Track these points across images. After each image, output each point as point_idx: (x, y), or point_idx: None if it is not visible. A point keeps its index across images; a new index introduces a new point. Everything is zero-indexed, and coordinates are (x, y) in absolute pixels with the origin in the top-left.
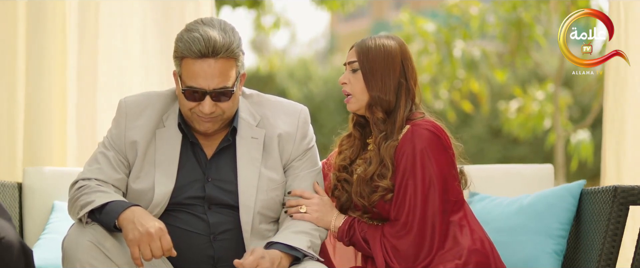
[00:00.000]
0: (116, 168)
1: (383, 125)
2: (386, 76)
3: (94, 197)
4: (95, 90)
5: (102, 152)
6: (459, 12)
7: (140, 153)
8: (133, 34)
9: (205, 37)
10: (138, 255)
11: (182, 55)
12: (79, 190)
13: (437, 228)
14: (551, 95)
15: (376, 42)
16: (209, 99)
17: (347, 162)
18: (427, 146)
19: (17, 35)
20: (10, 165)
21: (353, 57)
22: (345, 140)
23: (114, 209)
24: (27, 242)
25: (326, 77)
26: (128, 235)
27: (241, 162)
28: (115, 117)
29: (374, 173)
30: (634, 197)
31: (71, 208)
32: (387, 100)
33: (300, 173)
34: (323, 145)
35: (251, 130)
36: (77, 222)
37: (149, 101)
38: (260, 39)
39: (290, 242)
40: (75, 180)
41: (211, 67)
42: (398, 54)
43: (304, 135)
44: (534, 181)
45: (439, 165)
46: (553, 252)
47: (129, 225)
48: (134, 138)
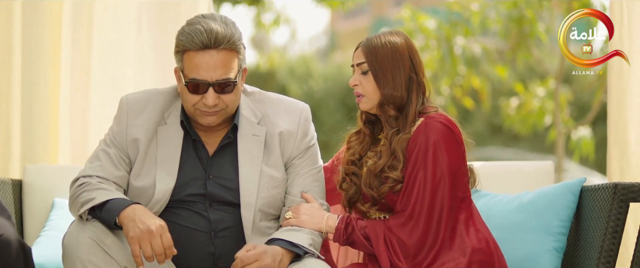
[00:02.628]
0: (117, 166)
1: (395, 122)
2: (396, 73)
3: (95, 194)
4: (88, 85)
5: (104, 149)
6: (460, 8)
7: (141, 150)
8: (127, 29)
9: (207, 29)
10: (139, 252)
11: (184, 49)
12: (80, 187)
13: (443, 222)
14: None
15: (382, 40)
16: (212, 90)
17: (356, 157)
18: (440, 138)
19: (13, 30)
20: (5, 161)
21: (361, 59)
22: (354, 136)
23: (115, 207)
24: (27, 240)
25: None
26: (129, 232)
27: (242, 159)
28: (116, 114)
29: (385, 166)
30: (634, 194)
31: (72, 205)
32: (399, 97)
33: (301, 171)
34: (323, 143)
35: (252, 128)
36: (77, 219)
37: (150, 98)
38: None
39: (292, 239)
40: (76, 177)
41: (213, 58)
42: (405, 49)
43: (305, 133)
44: (534, 178)
45: (450, 159)
46: (553, 249)
47: (129, 223)
48: (136, 136)
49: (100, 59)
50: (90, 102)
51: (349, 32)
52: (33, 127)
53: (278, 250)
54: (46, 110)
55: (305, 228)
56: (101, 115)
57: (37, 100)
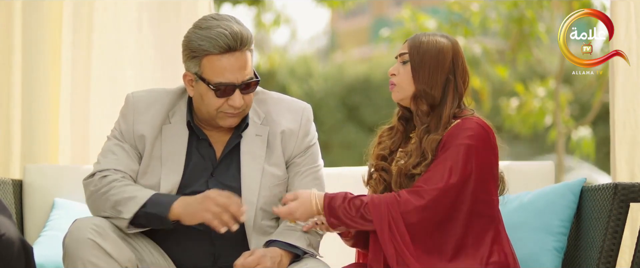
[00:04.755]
0: (133, 159)
1: (426, 118)
2: (434, 71)
3: (131, 191)
4: (88, 85)
5: (117, 144)
6: (460, 8)
7: (147, 147)
8: (128, 29)
9: (230, 31)
10: (224, 223)
11: (204, 53)
12: (108, 185)
13: (460, 221)
14: (552, 92)
15: (429, 37)
16: (238, 92)
17: (386, 152)
18: (475, 137)
19: (13, 30)
20: (5, 161)
21: (405, 50)
22: (387, 131)
23: (160, 205)
24: (27, 240)
25: (326, 74)
26: (199, 219)
27: (245, 159)
28: (122, 111)
29: (414, 166)
30: (634, 194)
31: (97, 201)
32: (433, 95)
33: (301, 169)
34: (323, 142)
35: (256, 128)
36: (103, 218)
37: (156, 97)
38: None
39: (290, 240)
40: (92, 172)
41: (238, 60)
42: (450, 51)
43: (306, 132)
44: (534, 178)
45: (483, 161)
46: (553, 249)
47: (189, 213)
48: (142, 132)
49: (101, 59)
50: (90, 101)
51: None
52: (33, 126)
53: (277, 252)
54: (46, 110)
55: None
56: (101, 114)
57: (37, 100)
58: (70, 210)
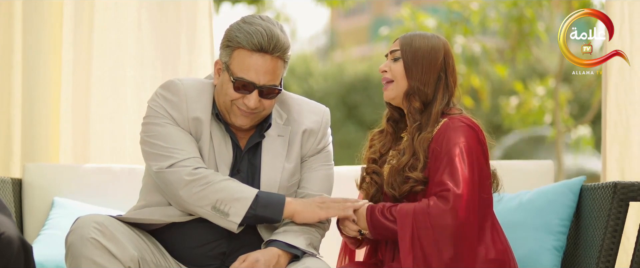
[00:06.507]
0: (195, 146)
1: (418, 116)
2: (426, 68)
3: (232, 189)
4: (89, 84)
5: (179, 130)
6: (460, 7)
7: (205, 131)
8: (128, 28)
9: (268, 32)
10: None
11: (238, 45)
12: (206, 177)
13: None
14: (551, 91)
15: (420, 35)
16: (256, 93)
17: (377, 155)
18: (463, 139)
19: (14, 30)
20: (5, 160)
21: (396, 47)
22: (377, 135)
23: (269, 207)
24: (26, 239)
25: (326, 73)
26: (326, 215)
27: (266, 158)
28: (169, 98)
29: (407, 165)
30: (634, 193)
31: (198, 194)
32: (425, 92)
33: (313, 165)
34: None
35: (278, 129)
36: (105, 216)
37: (203, 87)
38: None
39: (289, 240)
40: (170, 163)
41: (266, 63)
42: (441, 49)
43: (325, 134)
44: (534, 177)
45: (473, 160)
46: (553, 248)
47: (310, 214)
48: (197, 115)
49: (101, 58)
50: (90, 101)
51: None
52: (34, 126)
53: (273, 253)
54: (47, 109)
55: (304, 227)
56: (102, 114)
57: (37, 99)
58: (70, 209)
